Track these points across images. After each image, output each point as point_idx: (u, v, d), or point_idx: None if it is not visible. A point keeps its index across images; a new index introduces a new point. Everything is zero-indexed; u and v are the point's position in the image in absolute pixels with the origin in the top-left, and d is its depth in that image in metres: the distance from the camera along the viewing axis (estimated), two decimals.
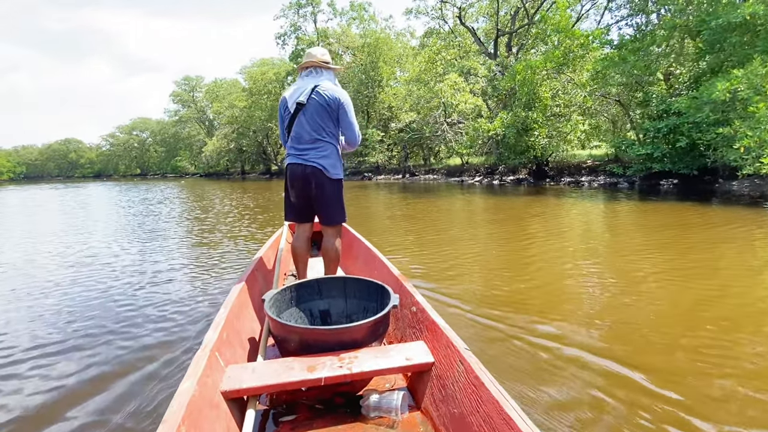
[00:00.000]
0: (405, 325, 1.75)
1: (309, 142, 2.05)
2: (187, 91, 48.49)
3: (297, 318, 1.71)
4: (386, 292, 1.63)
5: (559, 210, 7.75)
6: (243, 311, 1.74)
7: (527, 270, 3.59)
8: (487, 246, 4.69)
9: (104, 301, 2.98)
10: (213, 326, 1.42)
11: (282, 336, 1.42)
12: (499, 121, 15.32)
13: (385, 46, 24.19)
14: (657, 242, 4.60)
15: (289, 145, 2.10)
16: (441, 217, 7.26)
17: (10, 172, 64.95)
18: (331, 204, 2.10)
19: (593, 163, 16.36)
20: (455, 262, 3.84)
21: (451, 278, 3.32)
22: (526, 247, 4.55)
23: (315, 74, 2.10)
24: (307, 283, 1.78)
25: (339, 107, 2.05)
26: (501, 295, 2.88)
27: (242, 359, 1.50)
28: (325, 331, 1.39)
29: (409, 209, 8.85)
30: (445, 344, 1.37)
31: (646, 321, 2.36)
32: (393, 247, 4.64)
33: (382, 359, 1.36)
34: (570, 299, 2.80)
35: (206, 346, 1.28)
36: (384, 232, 5.90)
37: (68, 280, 3.58)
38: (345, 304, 1.79)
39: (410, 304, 1.73)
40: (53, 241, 5.73)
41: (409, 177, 22.64)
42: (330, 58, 2.17)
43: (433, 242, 4.93)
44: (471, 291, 2.97)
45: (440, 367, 1.35)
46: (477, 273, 3.52)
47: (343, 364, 1.31)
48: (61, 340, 2.29)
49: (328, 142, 2.06)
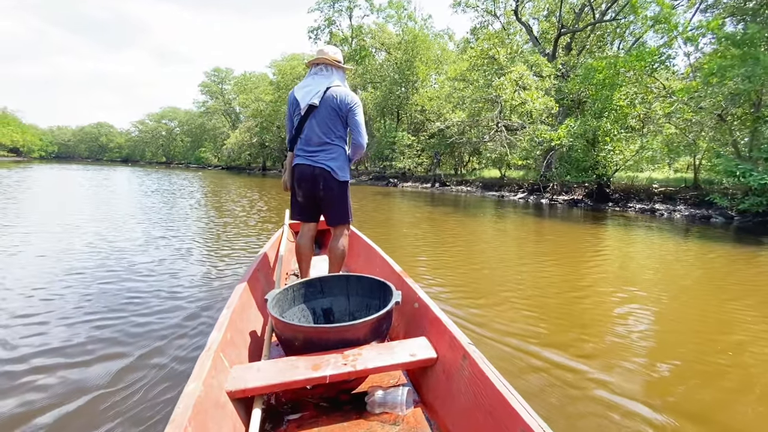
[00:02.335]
0: (408, 322, 1.72)
1: (318, 144, 2.06)
2: (216, 83, 47.00)
3: (300, 317, 1.71)
4: (388, 288, 1.63)
5: (649, 246, 5.91)
6: (246, 311, 1.70)
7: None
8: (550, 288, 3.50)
9: (104, 288, 2.98)
10: (217, 327, 1.39)
11: (286, 335, 1.40)
12: (564, 129, 12.35)
13: (422, 44, 21.56)
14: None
15: (299, 146, 2.11)
16: (487, 242, 5.86)
17: (41, 151, 65.03)
18: (338, 205, 2.11)
19: (667, 189, 13.19)
20: (503, 301, 3.03)
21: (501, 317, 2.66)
22: (603, 297, 3.27)
23: (326, 73, 2.08)
24: (309, 282, 1.77)
25: (349, 111, 2.05)
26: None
27: (246, 359, 1.48)
28: (328, 330, 1.37)
29: (441, 226, 7.16)
30: (449, 339, 1.36)
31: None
32: (424, 274, 3.69)
33: (386, 356, 1.35)
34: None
35: (210, 347, 1.25)
36: (411, 255, 4.60)
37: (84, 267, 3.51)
38: (348, 302, 1.79)
39: (413, 300, 1.71)
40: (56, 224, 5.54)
41: (439, 187, 19.88)
42: (342, 58, 2.14)
43: (478, 276, 3.82)
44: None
45: (444, 363, 1.34)
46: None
47: (347, 362, 1.30)
48: (64, 331, 2.25)
49: (336, 144, 2.08)
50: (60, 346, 2.07)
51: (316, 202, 2.11)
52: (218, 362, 1.22)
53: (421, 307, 1.61)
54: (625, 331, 2.53)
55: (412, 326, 1.65)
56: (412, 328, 1.64)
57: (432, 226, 7.14)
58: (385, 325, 1.47)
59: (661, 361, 2.14)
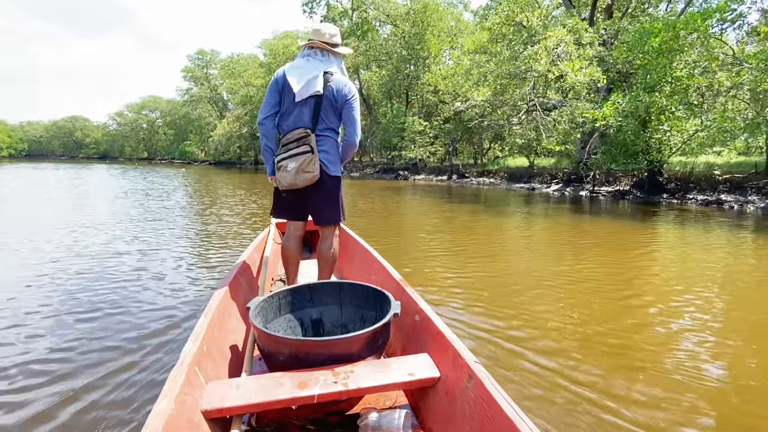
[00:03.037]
0: (407, 336, 1.67)
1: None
2: (200, 67, 45.12)
3: (286, 328, 1.67)
4: (386, 298, 1.59)
5: (725, 249, 5.07)
6: (225, 321, 1.64)
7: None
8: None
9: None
10: (192, 338, 1.33)
11: (269, 348, 1.37)
12: (610, 107, 11.05)
13: (434, 14, 20.16)
14: None
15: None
16: (517, 245, 5.35)
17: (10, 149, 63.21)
18: (328, 201, 2.04)
19: (733, 176, 11.94)
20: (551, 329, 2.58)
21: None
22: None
23: (322, 57, 1.98)
24: (297, 290, 1.73)
25: (345, 103, 1.96)
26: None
27: (225, 374, 1.43)
28: (317, 343, 1.33)
29: (463, 228, 6.50)
30: (453, 357, 1.31)
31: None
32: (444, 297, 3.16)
33: (382, 374, 1.30)
34: None
35: (184, 361, 1.20)
36: (426, 263, 4.19)
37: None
38: (340, 313, 1.76)
39: (413, 312, 1.66)
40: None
41: (457, 179, 18.67)
42: (340, 39, 2.04)
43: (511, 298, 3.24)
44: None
45: (447, 382, 1.30)
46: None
47: (338, 380, 1.25)
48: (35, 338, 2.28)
49: (328, 136, 1.99)
50: (20, 363, 2.02)
51: (303, 199, 2.02)
52: (193, 377, 1.18)
53: (423, 320, 1.57)
54: (693, 374, 2.04)
55: (412, 341, 1.60)
56: (412, 343, 1.60)
57: (451, 227, 6.49)
58: (381, 340, 1.42)
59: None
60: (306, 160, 1.87)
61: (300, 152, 1.88)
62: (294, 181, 1.89)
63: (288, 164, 1.88)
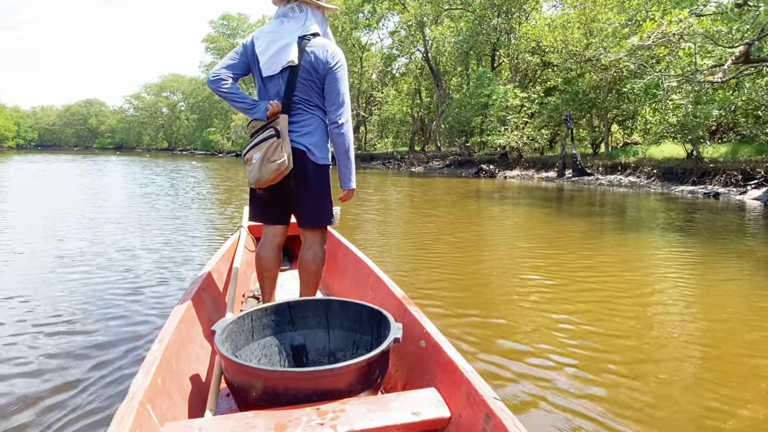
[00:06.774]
0: (411, 367, 1.77)
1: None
2: (225, 36, 47.30)
3: (260, 356, 1.75)
4: (384, 320, 1.66)
5: None
6: (185, 348, 1.74)
7: None
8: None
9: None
10: (143, 369, 1.40)
11: (239, 382, 1.44)
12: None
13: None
14: None
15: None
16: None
17: (18, 138, 70.65)
18: (315, 198, 2.12)
19: None
20: None
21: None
22: None
23: (299, 15, 2.06)
24: (274, 309, 1.82)
25: (328, 72, 2.04)
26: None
27: (184, 414, 1.51)
28: (299, 375, 1.40)
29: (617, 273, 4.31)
30: (466, 392, 1.38)
31: None
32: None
33: (379, 413, 1.36)
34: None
35: (134, 397, 1.26)
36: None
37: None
38: (327, 337, 1.84)
39: (418, 336, 1.74)
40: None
41: (574, 176, 16.53)
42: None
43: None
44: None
45: (459, 424, 1.37)
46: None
47: (324, 421, 1.31)
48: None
49: (312, 114, 2.08)
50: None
51: (284, 195, 2.09)
52: (144, 418, 1.23)
53: (429, 347, 1.64)
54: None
55: (417, 373, 1.69)
56: (417, 375, 1.68)
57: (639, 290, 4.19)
58: (378, 371, 1.50)
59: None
60: (271, 145, 1.91)
61: (264, 137, 1.95)
62: (260, 176, 1.93)
63: (253, 155, 1.95)
